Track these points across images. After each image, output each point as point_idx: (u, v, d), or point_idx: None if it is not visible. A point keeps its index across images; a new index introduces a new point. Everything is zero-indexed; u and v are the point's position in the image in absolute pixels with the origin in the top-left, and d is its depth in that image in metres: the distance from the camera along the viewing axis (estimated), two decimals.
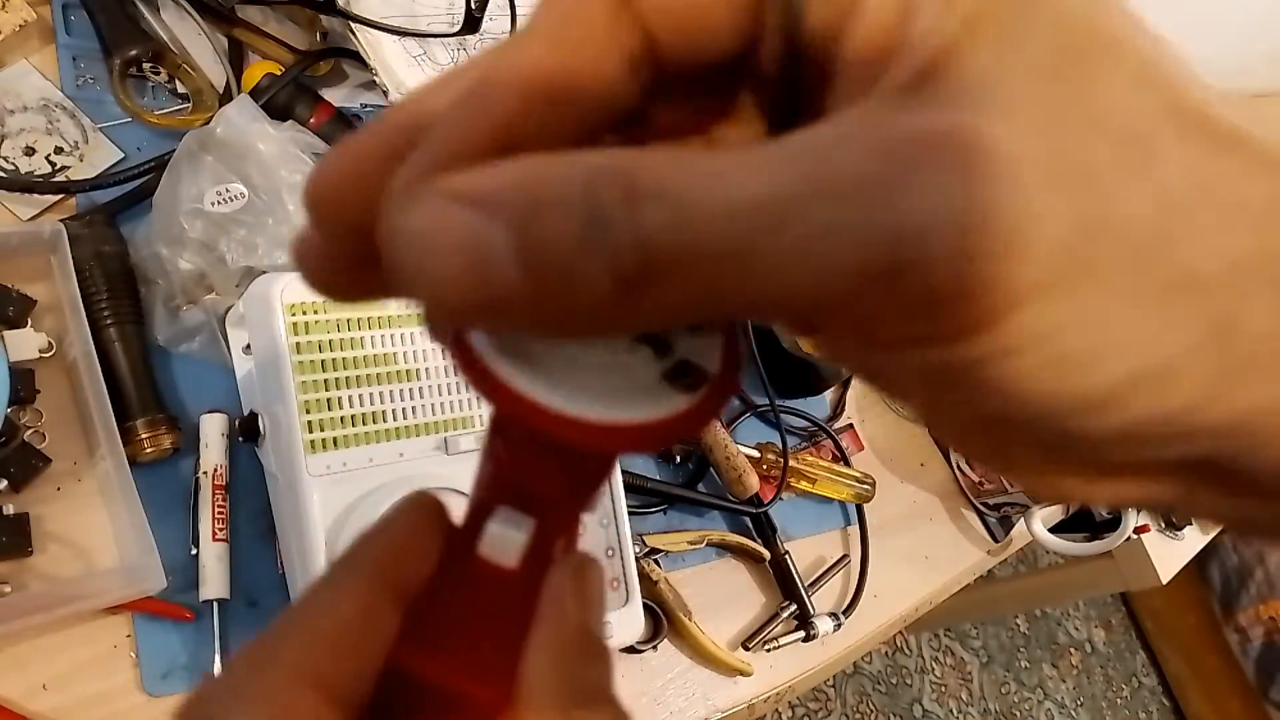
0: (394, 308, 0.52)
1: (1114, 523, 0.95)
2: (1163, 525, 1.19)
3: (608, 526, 0.58)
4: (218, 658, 0.49)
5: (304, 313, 0.49)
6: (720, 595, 0.71)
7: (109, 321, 0.50)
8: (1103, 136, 0.12)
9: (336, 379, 0.49)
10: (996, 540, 0.94)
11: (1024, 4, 0.13)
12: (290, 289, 0.49)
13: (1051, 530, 0.98)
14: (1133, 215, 0.12)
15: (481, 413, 0.53)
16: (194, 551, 0.50)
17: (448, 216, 0.13)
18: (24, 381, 0.48)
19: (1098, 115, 0.12)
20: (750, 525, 0.73)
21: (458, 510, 0.20)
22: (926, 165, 0.12)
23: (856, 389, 0.90)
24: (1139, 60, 0.13)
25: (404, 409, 0.50)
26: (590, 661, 0.18)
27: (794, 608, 0.72)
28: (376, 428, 0.49)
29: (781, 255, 0.12)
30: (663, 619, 0.65)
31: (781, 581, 0.73)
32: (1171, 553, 1.22)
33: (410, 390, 0.51)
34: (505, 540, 0.19)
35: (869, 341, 0.13)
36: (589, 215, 0.12)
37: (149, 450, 0.49)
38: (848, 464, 0.82)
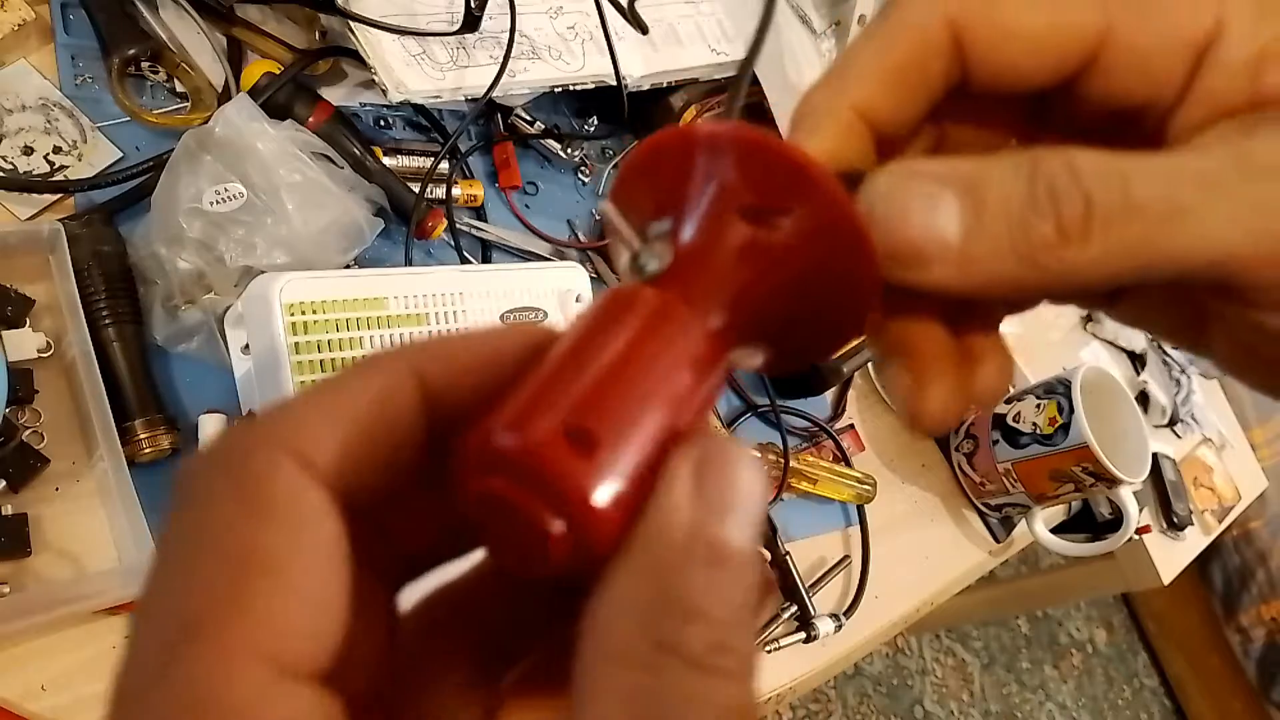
0: (393, 307, 0.51)
1: (1115, 523, 0.95)
2: (1164, 526, 1.19)
3: None
4: None
5: (303, 313, 0.48)
6: None
7: (107, 321, 0.50)
8: None
9: None
10: (998, 541, 0.94)
11: None
12: (289, 288, 0.48)
13: (1053, 531, 0.97)
14: None
15: None
16: None
17: (910, 180, 0.17)
18: (22, 381, 0.48)
19: None
20: None
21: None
22: None
23: (857, 389, 0.89)
24: None
25: None
26: (707, 588, 0.14)
27: (795, 609, 0.71)
28: None
29: (1217, 217, 0.15)
30: None
31: (782, 582, 0.73)
32: (1173, 553, 1.22)
33: None
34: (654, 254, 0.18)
35: (1258, 305, 0.17)
36: (1035, 179, 0.16)
37: (147, 450, 0.49)
38: (849, 464, 0.82)
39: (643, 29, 0.69)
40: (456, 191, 0.67)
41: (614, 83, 0.71)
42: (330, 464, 0.15)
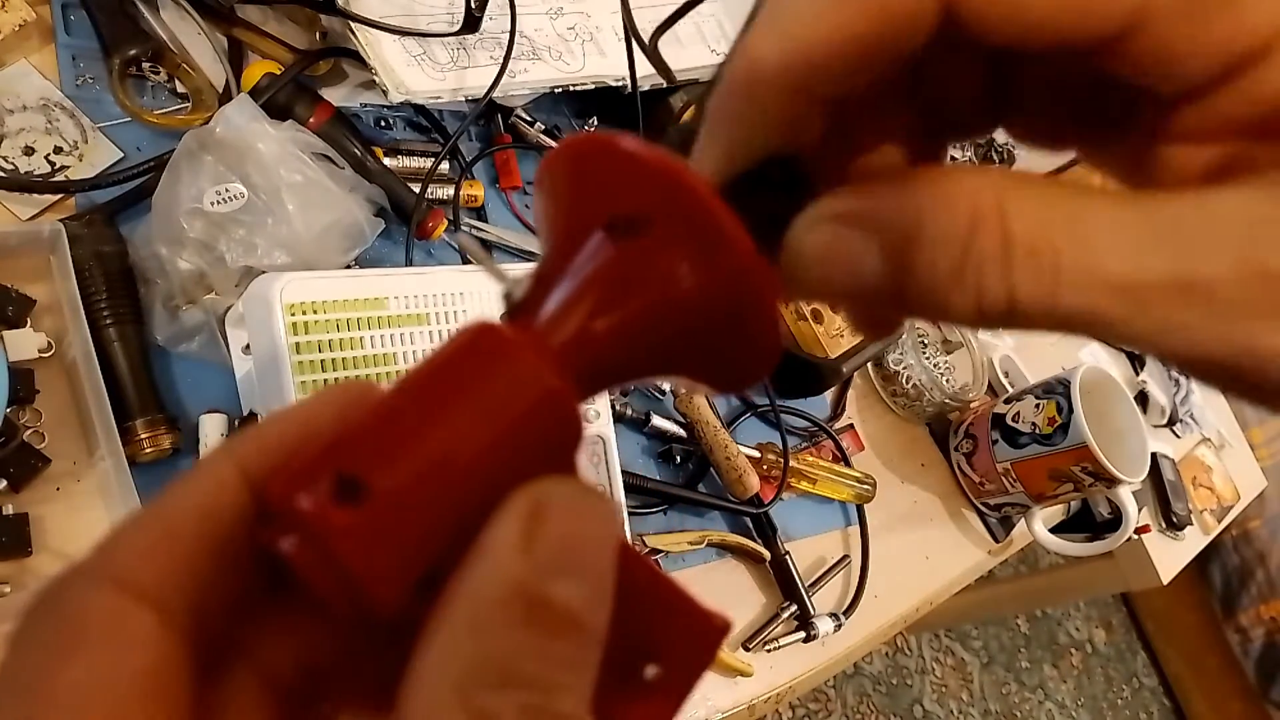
0: (393, 307, 0.52)
1: (1115, 523, 0.95)
2: (1163, 525, 1.19)
3: None
4: None
5: (304, 313, 0.48)
6: (720, 596, 0.71)
7: (108, 321, 0.50)
8: None
9: (336, 379, 0.49)
10: (997, 540, 0.94)
11: None
12: (290, 289, 0.48)
13: (1052, 530, 0.97)
14: None
15: None
16: None
17: (833, 235, 0.16)
18: (23, 381, 0.48)
19: None
20: (750, 525, 0.73)
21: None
22: None
23: (857, 389, 0.89)
24: None
25: None
26: (527, 651, 0.13)
27: (794, 608, 0.71)
28: None
29: (1135, 332, 0.14)
30: None
31: (782, 582, 0.73)
32: (1172, 553, 1.22)
33: None
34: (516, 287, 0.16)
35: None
36: (965, 259, 0.15)
37: (148, 450, 0.49)
38: (848, 464, 0.82)
39: (671, 81, 0.70)
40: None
41: (613, 84, 0.71)
42: (157, 585, 0.14)
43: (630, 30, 0.66)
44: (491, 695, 0.13)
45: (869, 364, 0.88)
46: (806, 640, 0.71)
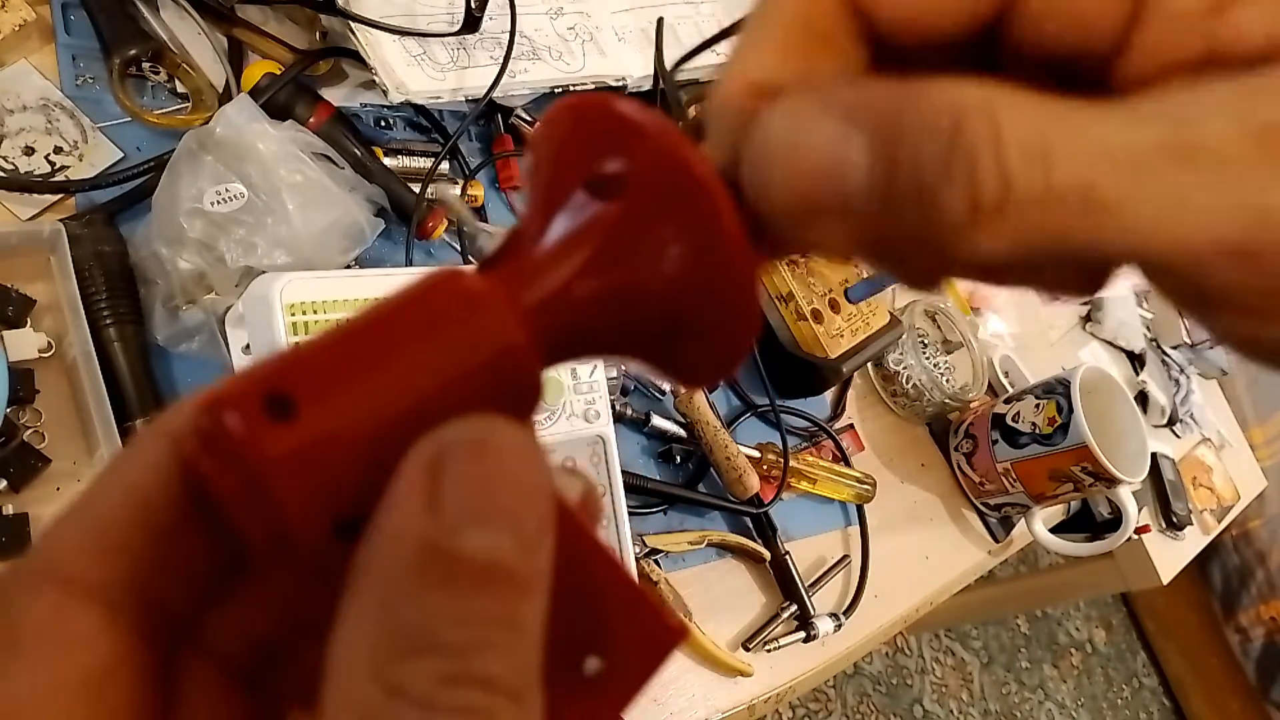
0: None
1: (1115, 523, 0.95)
2: (1163, 525, 1.19)
3: (607, 527, 0.58)
4: None
5: (304, 313, 0.48)
6: (720, 596, 0.71)
7: (108, 321, 0.50)
8: None
9: None
10: (997, 540, 0.94)
11: None
12: (290, 289, 0.48)
13: (1052, 530, 0.97)
14: None
15: None
16: None
17: (814, 119, 0.14)
18: (23, 381, 0.48)
19: None
20: (750, 525, 0.73)
21: None
22: None
23: (857, 389, 0.89)
24: None
25: None
26: (440, 614, 0.12)
27: (794, 608, 0.71)
28: None
29: (1141, 212, 0.13)
30: None
31: (782, 582, 0.73)
32: (1172, 553, 1.22)
33: None
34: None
35: (1199, 305, 0.14)
36: (955, 144, 0.13)
37: None
38: (848, 464, 0.82)
39: (684, 118, 0.71)
40: (457, 191, 0.67)
41: (613, 84, 0.71)
42: (100, 578, 0.13)
43: (659, 67, 0.66)
44: (403, 667, 0.12)
45: (869, 364, 0.88)
46: (806, 640, 0.71)
